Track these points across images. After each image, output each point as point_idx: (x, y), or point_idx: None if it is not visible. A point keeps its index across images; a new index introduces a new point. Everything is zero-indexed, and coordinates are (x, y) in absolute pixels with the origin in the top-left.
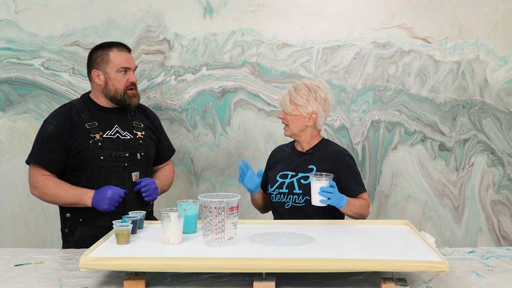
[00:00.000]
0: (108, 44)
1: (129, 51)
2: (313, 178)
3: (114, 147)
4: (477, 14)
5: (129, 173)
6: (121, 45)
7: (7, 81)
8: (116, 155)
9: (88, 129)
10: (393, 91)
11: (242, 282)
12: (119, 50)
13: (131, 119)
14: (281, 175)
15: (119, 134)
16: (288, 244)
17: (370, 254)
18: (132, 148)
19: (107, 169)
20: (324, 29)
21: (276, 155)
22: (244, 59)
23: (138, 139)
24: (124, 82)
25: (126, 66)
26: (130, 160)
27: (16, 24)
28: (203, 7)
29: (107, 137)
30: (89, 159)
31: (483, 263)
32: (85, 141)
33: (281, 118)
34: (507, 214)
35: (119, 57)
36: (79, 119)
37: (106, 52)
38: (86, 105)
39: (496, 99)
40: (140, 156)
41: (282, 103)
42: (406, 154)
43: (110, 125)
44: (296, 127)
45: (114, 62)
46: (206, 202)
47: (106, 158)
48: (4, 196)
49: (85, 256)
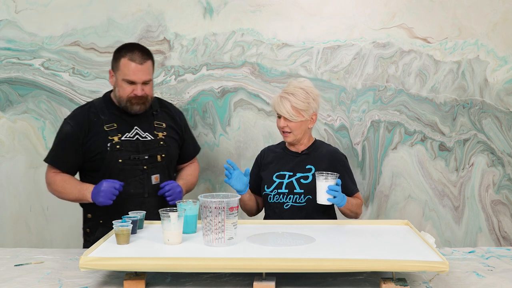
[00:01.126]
0: (126, 48)
1: (144, 61)
2: (319, 176)
3: (133, 149)
4: (477, 14)
5: (149, 176)
6: (136, 54)
7: (7, 81)
8: (135, 158)
9: (106, 131)
10: (393, 91)
11: (242, 282)
12: (130, 60)
13: (152, 119)
14: (277, 175)
15: (139, 135)
16: (288, 244)
17: (370, 254)
18: (152, 150)
19: (126, 172)
20: (324, 29)
21: (267, 155)
22: (244, 59)
23: (159, 140)
24: (128, 91)
25: (130, 80)
26: (150, 163)
27: (16, 24)
28: (203, 7)
29: (126, 139)
30: (108, 162)
31: (483, 263)
32: (103, 144)
33: (282, 126)
34: (507, 214)
35: (127, 67)
36: (98, 120)
37: (120, 57)
38: (106, 105)
39: (496, 99)
40: (160, 158)
41: (281, 111)
42: (406, 154)
43: (130, 127)
44: (300, 132)
45: (122, 70)
46: (206, 202)
47: (125, 161)
48: (4, 196)
49: (85, 256)
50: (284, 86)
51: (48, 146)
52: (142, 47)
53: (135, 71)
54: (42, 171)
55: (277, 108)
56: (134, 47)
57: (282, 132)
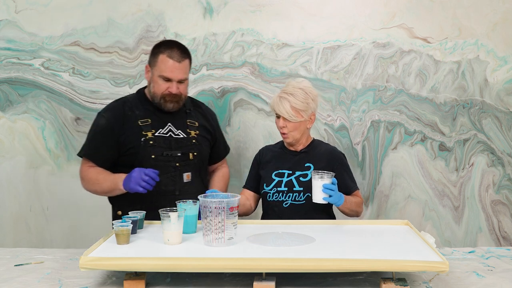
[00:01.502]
0: (165, 45)
1: (183, 59)
2: (315, 175)
3: (166, 146)
4: (477, 14)
5: (181, 173)
6: (176, 51)
7: (7, 81)
8: (168, 154)
9: (140, 126)
10: (393, 91)
11: (242, 282)
12: (168, 57)
13: (185, 117)
14: (276, 174)
15: (172, 132)
16: (288, 244)
17: (370, 254)
18: (184, 148)
19: (158, 168)
20: (324, 29)
21: (265, 154)
22: (244, 59)
23: (191, 139)
24: (163, 88)
25: (166, 76)
26: (182, 160)
27: (16, 24)
28: (203, 7)
29: (160, 135)
30: (141, 157)
31: (483, 263)
32: (136, 139)
33: (281, 126)
34: (507, 214)
35: (164, 64)
36: (132, 114)
37: (158, 53)
38: (140, 101)
39: (496, 99)
40: (192, 156)
41: (280, 111)
42: (406, 154)
43: (163, 123)
44: (298, 133)
45: (159, 66)
46: (206, 202)
47: (158, 157)
48: (4, 196)
49: (85, 256)
50: (283, 86)
51: (49, 146)
52: (181, 45)
53: (172, 69)
54: (42, 171)
55: (276, 108)
56: (174, 44)
57: (281, 133)
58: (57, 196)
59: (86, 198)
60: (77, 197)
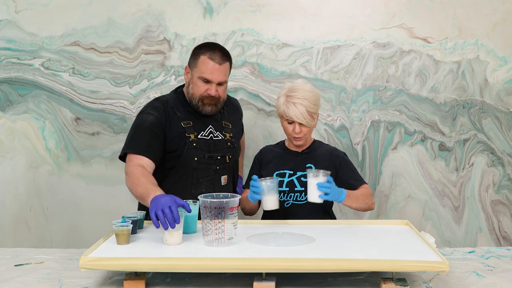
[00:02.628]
0: (207, 46)
1: (224, 61)
2: (310, 174)
3: (207, 148)
4: (477, 14)
5: (220, 176)
6: (217, 53)
7: (7, 81)
8: (209, 157)
9: (184, 128)
10: (393, 91)
11: (242, 282)
12: (209, 58)
13: (221, 118)
14: (278, 174)
15: (212, 134)
16: (288, 244)
17: (370, 254)
18: (222, 150)
19: (199, 171)
20: (324, 29)
21: (267, 154)
22: (244, 59)
23: (227, 141)
24: (202, 90)
25: (206, 78)
26: (221, 163)
27: (16, 24)
28: (203, 7)
29: (202, 138)
30: (183, 160)
31: (483, 263)
32: (180, 141)
33: (297, 132)
34: (507, 214)
35: (205, 65)
36: (175, 116)
37: (199, 54)
38: (180, 102)
39: (496, 99)
40: (228, 159)
41: (298, 118)
42: (406, 154)
43: (205, 125)
44: (310, 135)
45: (199, 67)
46: (206, 202)
47: (200, 160)
48: (4, 196)
49: (85, 256)
50: (289, 90)
51: (49, 146)
52: (222, 48)
53: (213, 70)
54: (42, 171)
55: (292, 115)
56: (216, 46)
57: (295, 137)
58: (57, 196)
59: (86, 198)
60: (77, 197)
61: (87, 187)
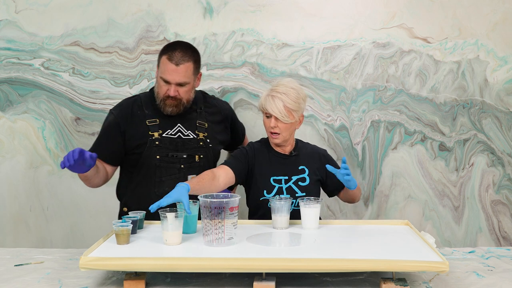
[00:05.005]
0: (169, 46)
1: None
2: (301, 203)
3: (172, 147)
4: (477, 14)
5: (185, 175)
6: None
7: (7, 81)
8: (173, 155)
9: (148, 126)
10: (393, 91)
11: (242, 282)
12: (168, 59)
13: (196, 117)
14: (274, 180)
15: (181, 133)
16: (288, 244)
17: (370, 254)
18: (191, 150)
19: (162, 169)
20: (324, 29)
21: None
22: (244, 59)
23: (199, 141)
24: (163, 90)
25: (165, 79)
26: (188, 162)
27: (16, 24)
28: (203, 7)
29: (167, 136)
30: (145, 157)
31: (483, 263)
32: (143, 138)
33: (272, 126)
34: (507, 214)
35: (164, 66)
36: (142, 113)
37: (162, 54)
38: (151, 100)
39: (496, 99)
40: (198, 159)
41: (273, 111)
42: (406, 154)
43: (173, 124)
44: (288, 134)
45: (161, 68)
46: (206, 202)
47: (162, 158)
48: (4, 196)
49: (85, 256)
50: (273, 86)
51: (49, 146)
52: (186, 47)
53: (171, 71)
54: (42, 171)
55: (268, 107)
56: (177, 46)
57: (271, 133)
58: (57, 196)
59: (86, 198)
60: (77, 197)
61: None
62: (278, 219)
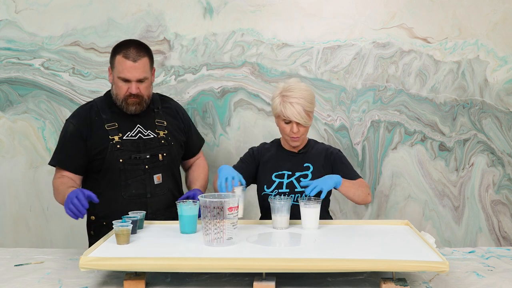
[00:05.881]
0: (121, 45)
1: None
2: (301, 203)
3: (134, 149)
4: (477, 14)
5: (151, 175)
6: (131, 51)
7: (7, 81)
8: (136, 157)
9: (107, 130)
10: (393, 91)
11: (242, 282)
12: (124, 57)
13: (154, 116)
14: (276, 175)
15: (141, 134)
16: (288, 244)
17: (370, 254)
18: (153, 149)
19: (127, 172)
20: (324, 29)
21: (264, 153)
22: (244, 59)
23: (160, 139)
24: (124, 90)
25: (124, 78)
26: (152, 162)
27: (16, 24)
28: (203, 7)
29: (127, 138)
30: (108, 162)
31: (483, 263)
32: (103, 143)
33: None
34: (507, 214)
35: (121, 64)
36: (99, 119)
37: (115, 54)
38: (108, 104)
39: (496, 99)
40: (162, 157)
41: (295, 117)
42: (406, 154)
43: (132, 125)
44: (306, 134)
45: (117, 68)
46: (206, 202)
47: (126, 161)
48: (4, 196)
49: (85, 256)
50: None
51: (49, 146)
52: (138, 44)
53: (129, 69)
54: (42, 171)
55: (290, 114)
56: (130, 43)
57: (292, 138)
58: None
59: None
60: None
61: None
62: (278, 219)
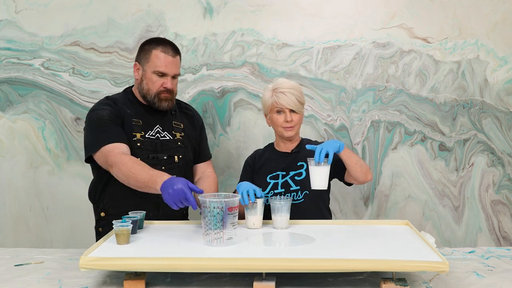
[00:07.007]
0: (157, 41)
1: (176, 54)
2: (310, 162)
3: (153, 148)
4: (477, 14)
5: None
6: (169, 47)
7: (7, 81)
8: (154, 157)
9: (133, 125)
10: (393, 91)
11: (242, 282)
12: (163, 51)
13: (171, 118)
14: (271, 177)
15: (159, 134)
16: (288, 244)
17: (370, 254)
18: (170, 150)
19: None
20: (324, 29)
21: (258, 159)
22: (244, 59)
23: (177, 141)
24: (158, 85)
25: (163, 71)
26: (168, 163)
27: (16, 24)
28: (203, 7)
29: (148, 137)
30: None
31: (483, 263)
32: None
33: (289, 120)
34: (507, 214)
35: (159, 59)
36: (126, 113)
37: (151, 49)
38: (130, 101)
39: (496, 99)
40: (178, 159)
41: (288, 104)
42: (406, 154)
43: (152, 125)
44: (299, 126)
45: (153, 62)
46: (206, 202)
47: (143, 160)
48: (4, 196)
49: (85, 256)
50: (274, 85)
51: (49, 146)
52: (172, 42)
53: (168, 63)
54: (42, 171)
55: (283, 102)
56: (165, 40)
57: (285, 128)
58: (57, 196)
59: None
60: (77, 197)
61: (87, 187)
62: (278, 219)
